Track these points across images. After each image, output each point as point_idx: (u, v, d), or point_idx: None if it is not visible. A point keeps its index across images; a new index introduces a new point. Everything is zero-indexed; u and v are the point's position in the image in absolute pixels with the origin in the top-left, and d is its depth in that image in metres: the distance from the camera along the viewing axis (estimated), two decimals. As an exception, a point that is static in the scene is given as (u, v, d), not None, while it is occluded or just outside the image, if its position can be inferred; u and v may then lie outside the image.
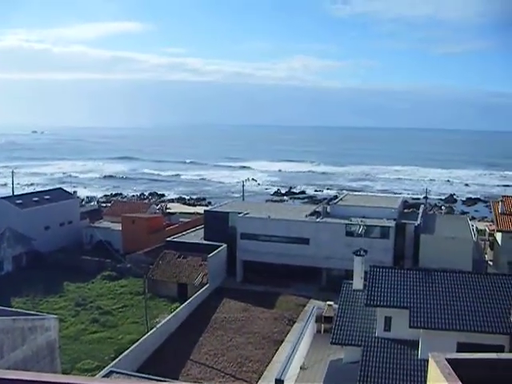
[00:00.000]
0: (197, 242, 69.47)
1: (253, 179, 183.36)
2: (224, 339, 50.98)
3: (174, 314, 53.83)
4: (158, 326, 50.38)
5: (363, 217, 64.95)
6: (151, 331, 48.76)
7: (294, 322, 54.82)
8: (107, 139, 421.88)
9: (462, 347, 31.14)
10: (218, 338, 51.20)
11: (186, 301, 57.60)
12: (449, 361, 9.74)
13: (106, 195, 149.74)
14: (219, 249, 66.00)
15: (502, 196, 74.31)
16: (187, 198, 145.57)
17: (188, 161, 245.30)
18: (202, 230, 72.84)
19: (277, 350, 48.84)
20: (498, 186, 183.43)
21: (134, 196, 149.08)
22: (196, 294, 59.32)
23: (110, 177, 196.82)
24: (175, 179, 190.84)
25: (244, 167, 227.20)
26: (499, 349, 30.50)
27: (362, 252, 44.54)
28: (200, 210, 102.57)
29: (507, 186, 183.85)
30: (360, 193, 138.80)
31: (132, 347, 45.20)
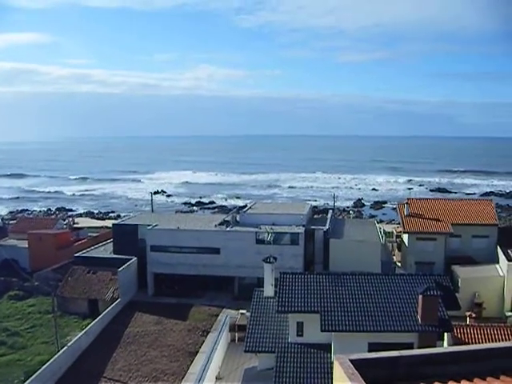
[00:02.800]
0: (106, 256, 68.33)
1: (162, 191, 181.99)
2: (138, 354, 50.32)
3: (85, 331, 52.77)
4: (68, 344, 49.24)
5: (273, 224, 65.41)
6: (62, 350, 47.60)
7: (208, 333, 54.67)
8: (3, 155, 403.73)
9: (373, 347, 31.76)
10: (132, 353, 50.50)
11: (97, 317, 56.54)
12: (353, 361, 9.91)
13: (11, 212, 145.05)
14: (129, 262, 65.12)
15: (407, 199, 76.12)
16: (95, 212, 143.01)
17: (92, 175, 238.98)
18: (112, 243, 71.67)
19: (192, 362, 48.59)
20: (403, 189, 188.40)
21: (40, 212, 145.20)
22: (107, 310, 58.33)
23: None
24: (80, 193, 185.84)
25: (151, 179, 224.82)
26: (409, 346, 31.23)
27: (271, 259, 44.85)
28: (109, 223, 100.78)
29: (411, 188, 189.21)
30: (269, 201, 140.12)
31: (42, 368, 43.98)
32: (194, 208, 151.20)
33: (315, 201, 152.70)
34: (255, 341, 38.77)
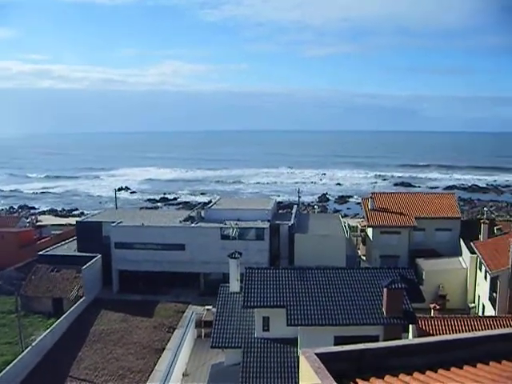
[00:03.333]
0: (70, 254, 67.70)
1: (126, 187, 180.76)
2: (104, 352, 49.99)
3: (50, 330, 52.20)
4: (33, 344, 48.66)
5: (238, 220, 65.50)
6: (26, 350, 47.02)
7: (174, 329, 54.54)
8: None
9: (339, 340, 31.90)
10: (98, 351, 50.16)
11: (62, 315, 56.00)
12: (319, 355, 9.95)
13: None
14: (93, 260, 64.61)
15: (372, 193, 76.72)
16: (59, 209, 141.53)
17: (52, 172, 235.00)
18: (76, 241, 71.01)
19: (158, 359, 48.42)
20: (367, 184, 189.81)
21: (2, 210, 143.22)
22: (72, 308, 57.84)
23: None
24: (41, 191, 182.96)
25: (114, 175, 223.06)
26: (374, 339, 31.45)
27: (236, 254, 44.84)
28: (72, 221, 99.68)
29: (375, 183, 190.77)
30: (233, 196, 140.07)
31: (6, 369, 43.36)
32: (159, 204, 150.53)
33: (280, 196, 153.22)
34: (221, 336, 38.73)
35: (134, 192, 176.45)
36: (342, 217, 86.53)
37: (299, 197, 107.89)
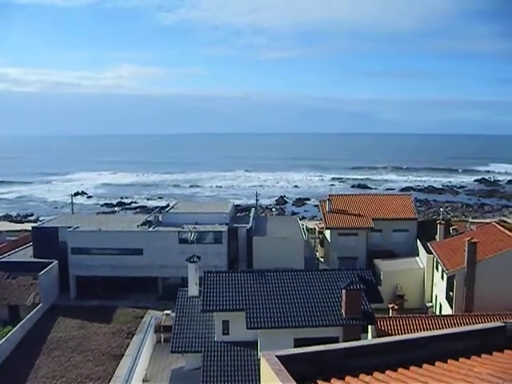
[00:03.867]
0: (26, 260, 66.68)
1: (83, 192, 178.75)
2: (62, 360, 49.34)
3: (5, 338, 51.32)
4: (-12, 352, 47.87)
5: (196, 223, 65.29)
6: (-19, 359, 46.25)
7: (133, 335, 54.08)
8: None
9: (299, 343, 32.00)
10: (56, 359, 49.47)
11: (18, 323, 55.11)
12: (279, 357, 9.96)
13: None
14: (50, 266, 63.76)
15: (329, 195, 77.09)
16: (14, 214, 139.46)
17: (7, 177, 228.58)
18: (32, 247, 70.01)
19: (118, 365, 47.92)
20: (324, 186, 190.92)
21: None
22: (29, 315, 56.93)
23: None
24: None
25: (70, 180, 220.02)
26: (334, 340, 31.63)
27: (195, 258, 44.74)
28: (28, 226, 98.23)
29: (332, 185, 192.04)
30: (191, 200, 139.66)
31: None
32: (116, 209, 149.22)
33: (238, 199, 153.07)
34: (181, 341, 38.61)
35: (90, 197, 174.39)
36: (300, 219, 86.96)
37: (257, 200, 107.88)
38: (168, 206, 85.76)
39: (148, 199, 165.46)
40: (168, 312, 51.30)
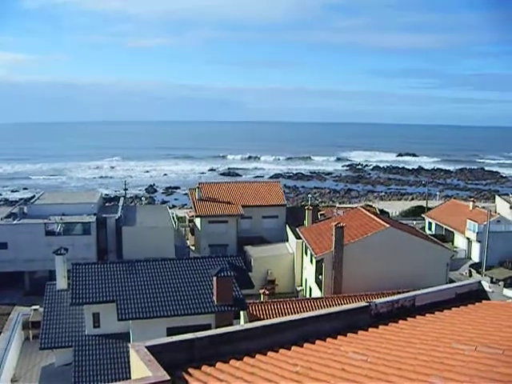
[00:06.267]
0: None
1: None
2: None
3: None
4: None
5: (63, 214, 63.68)
6: None
7: (0, 333, 52.13)
8: None
9: (171, 332, 31.89)
10: None
11: None
12: (149, 348, 9.85)
13: None
14: None
15: (199, 183, 77.16)
16: None
17: None
18: None
19: None
20: (193, 174, 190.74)
21: None
22: None
23: None
24: None
25: None
26: (206, 327, 31.73)
27: (62, 251, 43.54)
28: None
29: (203, 173, 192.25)
30: (58, 190, 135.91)
31: None
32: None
33: (106, 189, 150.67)
34: (51, 337, 37.52)
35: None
36: (170, 208, 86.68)
37: (125, 189, 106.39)
38: (33, 197, 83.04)
39: (12, 191, 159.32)
40: (36, 307, 49.74)
